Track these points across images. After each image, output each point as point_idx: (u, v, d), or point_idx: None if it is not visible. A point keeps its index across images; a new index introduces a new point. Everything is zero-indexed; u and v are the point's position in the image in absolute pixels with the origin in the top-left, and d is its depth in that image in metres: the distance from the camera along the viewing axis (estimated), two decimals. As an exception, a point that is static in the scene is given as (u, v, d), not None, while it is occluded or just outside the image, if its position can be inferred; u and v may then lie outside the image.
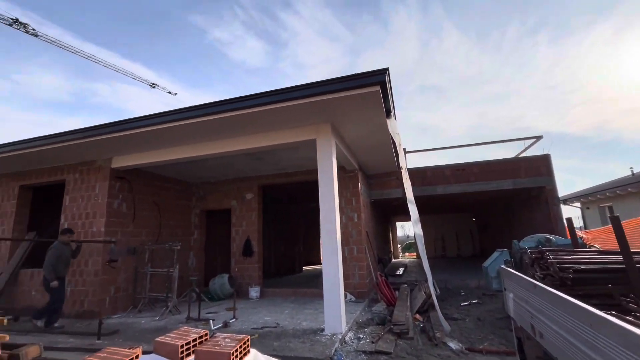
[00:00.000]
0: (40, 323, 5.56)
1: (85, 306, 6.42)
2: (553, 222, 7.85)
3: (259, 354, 2.23)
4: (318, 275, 11.70)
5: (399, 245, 22.48)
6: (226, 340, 2.10)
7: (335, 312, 4.79)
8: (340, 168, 7.42)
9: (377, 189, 9.38)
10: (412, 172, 8.85)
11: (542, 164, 8.30)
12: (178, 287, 6.88)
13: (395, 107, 5.42)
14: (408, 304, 6.33)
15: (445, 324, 5.03)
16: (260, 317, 6.02)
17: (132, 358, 1.90)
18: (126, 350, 1.99)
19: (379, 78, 4.24)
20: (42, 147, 6.20)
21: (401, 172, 9.16)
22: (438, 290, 7.04)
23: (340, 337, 4.56)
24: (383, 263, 10.50)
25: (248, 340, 2.13)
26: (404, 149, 9.24)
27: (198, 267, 8.98)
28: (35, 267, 7.30)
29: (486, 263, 6.13)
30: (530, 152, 9.64)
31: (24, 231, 7.79)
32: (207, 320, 5.77)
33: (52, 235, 7.85)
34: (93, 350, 3.94)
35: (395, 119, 5.54)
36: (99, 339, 4.61)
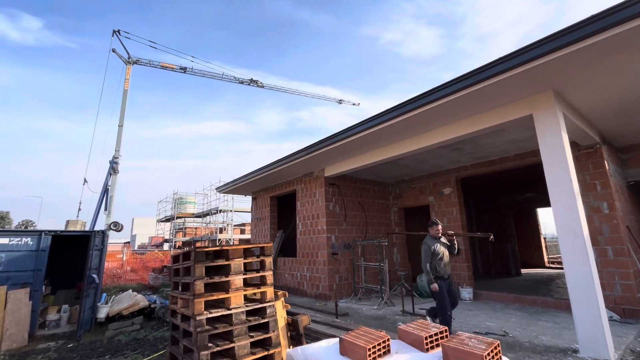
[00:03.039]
0: (431, 320, 4.92)
1: (320, 289, 7.95)
2: None
3: (514, 365, 1.95)
4: (546, 281, 9.52)
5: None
6: (472, 340, 1.97)
7: (596, 331, 3.67)
8: (572, 144, 5.75)
9: (636, 165, 6.62)
10: None
11: None
12: (388, 280, 7.35)
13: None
14: None
15: None
16: (480, 321, 5.48)
17: (385, 340, 2.10)
18: (378, 332, 2.23)
19: (640, 5, 2.96)
20: (281, 167, 8.26)
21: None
22: None
23: (610, 365, 3.43)
24: (661, 272, 7.23)
25: (499, 345, 1.92)
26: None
27: (403, 262, 9.30)
28: (285, 256, 9.80)
29: None
30: None
31: (275, 229, 10.62)
32: (422, 315, 5.81)
33: (291, 232, 10.34)
34: (336, 326, 4.77)
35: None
36: (337, 317, 5.57)
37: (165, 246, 25.04)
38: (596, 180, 5.74)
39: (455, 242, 4.90)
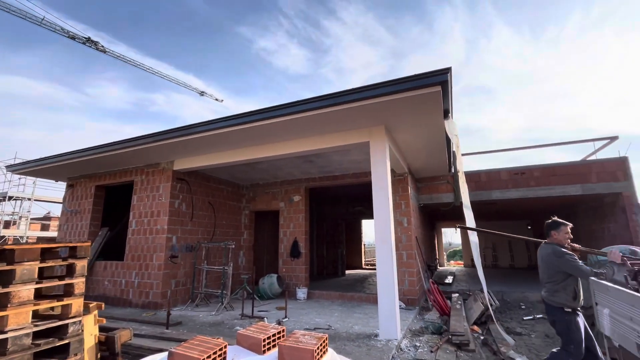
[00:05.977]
0: None
1: (150, 297, 6.94)
2: (632, 232, 7.01)
3: (335, 354, 2.25)
4: (362, 279, 11.57)
5: (444, 253, 21.53)
6: (306, 337, 2.15)
7: (391, 318, 4.69)
8: (390, 171, 7.30)
9: (425, 193, 9.08)
10: (465, 176, 8.44)
11: (619, 168, 7.45)
12: (230, 284, 7.19)
13: (453, 107, 5.23)
14: (464, 314, 6.03)
15: (508, 338, 4.71)
16: (310, 318, 6.08)
17: (222, 347, 2.01)
18: (214, 340, 2.11)
19: (440, 78, 4.11)
20: (118, 151, 6.84)
21: (452, 176, 8.81)
22: (497, 302, 6.60)
23: (396, 343, 4.46)
24: (431, 270, 10.12)
25: (326, 339, 2.16)
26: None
27: (247, 266, 9.31)
28: (107, 259, 8.08)
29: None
30: (602, 155, 8.73)
31: (98, 226, 8.64)
32: (260, 317, 5.95)
33: (120, 231, 8.64)
34: (166, 338, 4.25)
35: (452, 119, 5.33)
36: (167, 328, 4.96)
37: None
38: (402, 200, 7.49)
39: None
